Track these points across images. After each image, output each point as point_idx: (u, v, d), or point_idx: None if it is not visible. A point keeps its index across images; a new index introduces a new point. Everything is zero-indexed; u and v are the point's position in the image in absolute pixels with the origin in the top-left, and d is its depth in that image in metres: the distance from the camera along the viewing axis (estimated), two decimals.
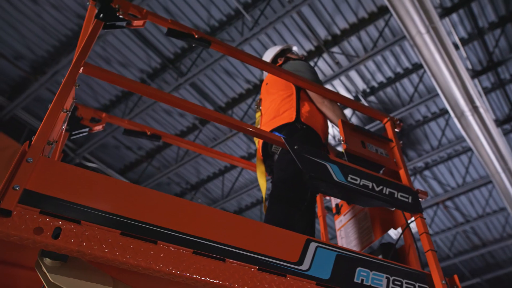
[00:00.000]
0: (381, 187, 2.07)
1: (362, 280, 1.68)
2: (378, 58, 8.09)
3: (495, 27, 7.59)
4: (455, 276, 1.91)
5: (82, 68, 1.70)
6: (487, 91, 8.52)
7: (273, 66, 2.42)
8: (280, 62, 3.00)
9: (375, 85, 8.60)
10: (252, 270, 1.48)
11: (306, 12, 7.25)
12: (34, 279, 1.54)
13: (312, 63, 8.04)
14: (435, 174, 10.41)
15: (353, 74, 8.34)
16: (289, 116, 2.48)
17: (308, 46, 7.88)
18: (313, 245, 1.67)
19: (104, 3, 2.00)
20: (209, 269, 1.41)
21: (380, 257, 2.24)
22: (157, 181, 9.52)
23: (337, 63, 7.91)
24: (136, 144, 9.44)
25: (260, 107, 2.78)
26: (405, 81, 8.50)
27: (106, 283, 1.38)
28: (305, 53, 7.97)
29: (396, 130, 2.56)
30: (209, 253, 1.44)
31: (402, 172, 2.30)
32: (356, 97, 8.72)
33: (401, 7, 5.98)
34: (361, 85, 8.60)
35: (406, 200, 2.11)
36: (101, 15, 1.93)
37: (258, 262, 1.51)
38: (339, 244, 2.69)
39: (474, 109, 7.34)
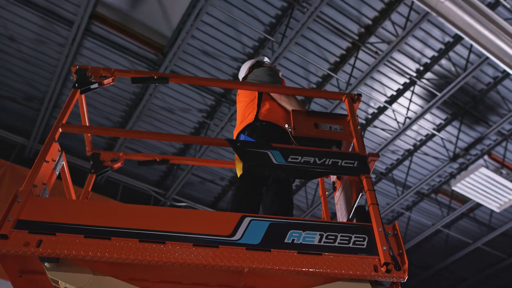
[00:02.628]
0: (323, 159, 2.36)
1: (293, 240, 2.00)
2: (421, 34, 7.94)
3: None
4: (395, 223, 2.12)
5: (60, 128, 2.32)
6: None
7: (232, 82, 2.88)
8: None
9: (427, 61, 8.39)
10: (187, 246, 1.91)
11: (330, 12, 7.49)
12: None
13: (353, 59, 8.17)
14: None
15: (400, 57, 8.26)
16: (250, 118, 2.88)
17: (345, 44, 8.05)
18: (247, 220, 2.04)
19: (81, 74, 2.64)
20: (151, 251, 1.88)
21: (354, 220, 2.48)
22: None
23: (376, 52, 7.93)
24: (218, 176, 10.26)
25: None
26: (458, 47, 8.17)
27: (86, 272, 1.93)
28: (343, 52, 8.14)
29: (355, 104, 2.79)
30: (151, 239, 1.91)
31: (354, 140, 2.55)
32: (411, 79, 8.55)
33: None
34: (413, 66, 8.45)
35: (351, 165, 2.36)
36: (76, 84, 2.57)
37: (193, 240, 1.93)
38: (337, 216, 2.95)
39: None
